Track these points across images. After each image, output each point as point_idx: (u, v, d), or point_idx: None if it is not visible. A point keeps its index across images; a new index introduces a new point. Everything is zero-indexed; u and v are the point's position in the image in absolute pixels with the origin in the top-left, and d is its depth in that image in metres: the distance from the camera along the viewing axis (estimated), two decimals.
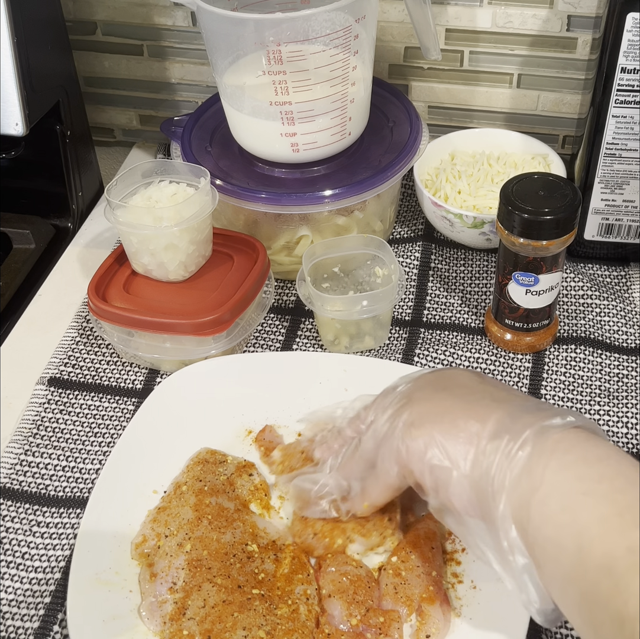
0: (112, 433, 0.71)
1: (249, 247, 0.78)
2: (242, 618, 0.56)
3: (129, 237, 0.73)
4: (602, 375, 0.74)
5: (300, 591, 0.58)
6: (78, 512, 0.65)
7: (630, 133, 0.74)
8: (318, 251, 0.76)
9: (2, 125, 0.81)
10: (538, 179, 0.69)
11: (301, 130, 0.75)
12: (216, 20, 0.72)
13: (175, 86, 0.99)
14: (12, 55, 0.78)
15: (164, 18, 0.94)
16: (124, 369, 0.76)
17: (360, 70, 0.75)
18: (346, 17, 0.70)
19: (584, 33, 0.86)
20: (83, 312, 0.81)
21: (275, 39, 0.70)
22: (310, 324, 0.80)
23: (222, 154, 0.82)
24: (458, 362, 0.75)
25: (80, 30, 0.96)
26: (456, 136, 0.90)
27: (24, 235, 0.89)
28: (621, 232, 0.81)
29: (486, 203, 0.82)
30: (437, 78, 0.93)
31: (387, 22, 0.89)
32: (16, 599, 0.61)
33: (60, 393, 0.74)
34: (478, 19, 0.87)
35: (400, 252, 0.86)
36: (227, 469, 0.66)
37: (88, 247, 0.90)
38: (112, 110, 1.03)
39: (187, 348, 0.73)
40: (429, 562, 0.59)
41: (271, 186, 0.78)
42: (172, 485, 0.65)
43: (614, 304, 0.79)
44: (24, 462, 0.69)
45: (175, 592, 0.58)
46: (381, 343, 0.77)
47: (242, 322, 0.74)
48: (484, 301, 0.81)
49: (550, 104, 0.92)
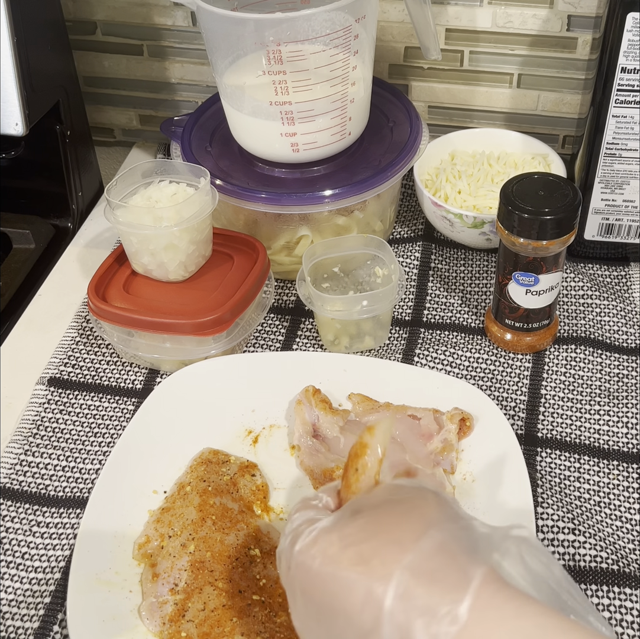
0: (112, 433, 0.71)
1: (249, 247, 0.78)
2: (241, 623, 0.56)
3: (129, 237, 0.73)
4: (602, 375, 0.73)
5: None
6: (78, 512, 0.65)
7: (630, 133, 0.74)
8: (318, 251, 0.76)
9: (2, 125, 0.81)
10: (538, 179, 0.69)
11: (301, 130, 0.75)
12: (216, 20, 0.72)
13: (175, 86, 0.99)
14: (12, 55, 0.78)
15: (164, 18, 0.94)
16: (124, 369, 0.76)
17: (360, 70, 0.75)
18: (346, 17, 0.70)
19: (584, 33, 0.86)
20: (83, 312, 0.81)
21: (275, 38, 0.70)
22: (310, 324, 0.80)
23: (222, 154, 0.82)
24: (458, 362, 0.75)
25: (80, 30, 0.96)
26: (456, 136, 0.90)
27: (24, 235, 0.89)
28: (621, 232, 0.81)
29: (486, 203, 0.82)
30: (437, 78, 0.93)
31: (387, 22, 0.89)
32: (16, 599, 0.61)
33: (60, 393, 0.74)
34: (478, 18, 0.87)
35: (400, 252, 0.86)
36: (230, 469, 0.66)
37: (88, 247, 0.90)
38: (112, 110, 1.03)
39: (187, 348, 0.73)
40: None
41: (271, 185, 0.78)
42: (175, 485, 0.65)
43: (614, 304, 0.79)
44: (24, 462, 0.69)
45: (177, 593, 0.58)
46: (381, 343, 0.77)
47: (242, 322, 0.74)
48: (484, 301, 0.81)
49: (550, 104, 0.92)
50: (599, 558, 0.60)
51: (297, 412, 0.68)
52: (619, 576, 0.59)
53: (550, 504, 0.64)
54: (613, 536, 0.62)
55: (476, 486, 0.64)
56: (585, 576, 0.60)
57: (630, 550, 0.61)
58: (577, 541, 0.61)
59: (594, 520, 0.63)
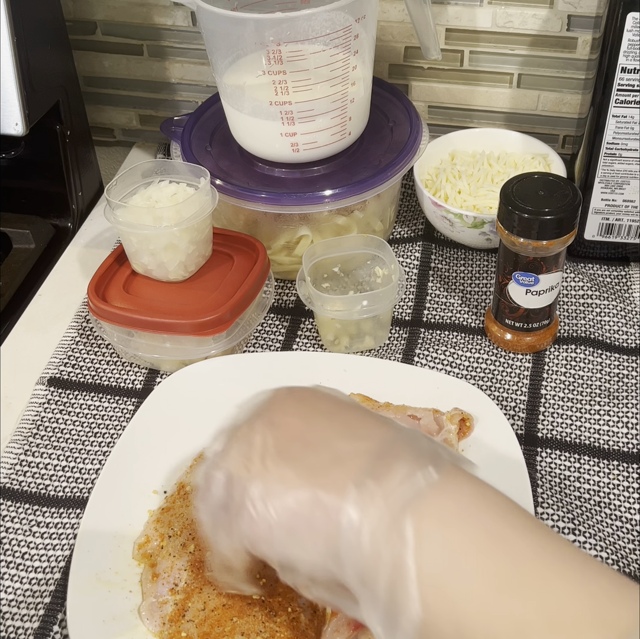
0: (112, 433, 0.71)
1: (249, 247, 0.78)
2: (241, 623, 0.56)
3: (129, 237, 0.73)
4: (602, 375, 0.73)
5: (305, 601, 0.57)
6: (78, 512, 0.65)
7: (630, 133, 0.74)
8: (318, 251, 0.76)
9: (2, 125, 0.81)
10: (538, 179, 0.69)
11: (301, 130, 0.75)
12: (216, 20, 0.72)
13: (175, 86, 0.99)
14: (12, 55, 0.78)
15: (164, 18, 0.94)
16: (124, 369, 0.76)
17: (360, 70, 0.75)
18: (346, 17, 0.70)
19: (584, 33, 0.86)
20: (83, 312, 0.81)
21: (275, 38, 0.70)
22: (310, 324, 0.80)
23: (222, 154, 0.82)
24: (458, 362, 0.75)
25: (80, 30, 0.96)
26: (456, 136, 0.90)
27: (24, 235, 0.89)
28: (621, 232, 0.81)
29: (486, 203, 0.82)
30: (437, 78, 0.93)
31: (387, 22, 0.89)
32: (16, 599, 0.61)
33: (60, 393, 0.74)
34: (478, 18, 0.87)
35: (400, 252, 0.86)
36: None
37: (88, 247, 0.90)
38: (112, 110, 1.03)
39: (187, 348, 0.73)
40: None
41: (271, 185, 0.78)
42: (175, 485, 0.65)
43: (614, 304, 0.79)
44: (24, 462, 0.69)
45: (177, 593, 0.58)
46: (381, 343, 0.77)
47: (242, 322, 0.74)
48: (484, 301, 0.81)
49: (550, 104, 0.92)
50: (599, 558, 0.60)
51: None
52: None
53: (550, 504, 0.64)
54: (613, 536, 0.62)
55: None
56: None
57: (630, 550, 0.61)
58: (577, 541, 0.61)
59: (594, 520, 0.63)
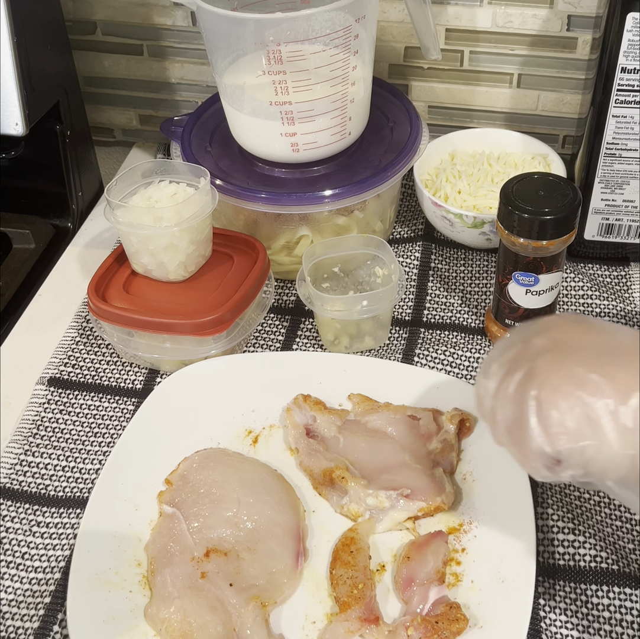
0: (112, 433, 0.71)
1: (249, 247, 0.78)
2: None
3: (129, 237, 0.73)
4: None
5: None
6: (78, 512, 0.65)
7: (630, 133, 0.74)
8: (318, 251, 0.76)
9: (2, 125, 0.81)
10: (538, 179, 0.69)
11: (301, 130, 0.75)
12: (216, 20, 0.72)
13: (175, 86, 0.99)
14: (12, 55, 0.78)
15: (164, 18, 0.94)
16: (124, 369, 0.76)
17: (360, 70, 0.75)
18: (346, 17, 0.70)
19: (584, 33, 0.86)
20: (83, 312, 0.81)
21: (275, 38, 0.70)
22: (310, 324, 0.80)
23: (222, 154, 0.82)
24: (458, 362, 0.75)
25: (80, 30, 0.96)
26: (456, 136, 0.90)
27: (24, 235, 0.89)
28: (621, 232, 0.81)
29: (486, 203, 0.82)
30: (437, 78, 0.93)
31: (387, 22, 0.89)
32: (16, 599, 0.61)
33: (60, 393, 0.74)
34: (478, 18, 0.87)
35: (400, 252, 0.86)
36: None
37: (88, 247, 0.90)
38: (112, 110, 1.03)
39: (187, 348, 0.73)
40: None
41: (271, 185, 0.78)
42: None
43: (614, 304, 0.79)
44: (24, 462, 0.69)
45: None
46: (381, 343, 0.77)
47: (242, 322, 0.74)
48: (484, 301, 0.81)
49: (550, 104, 0.92)
50: (599, 558, 0.60)
51: (288, 418, 0.68)
52: (619, 576, 0.59)
53: (550, 504, 0.64)
54: (613, 536, 0.62)
55: (476, 486, 0.64)
56: (585, 576, 0.60)
57: (630, 550, 0.61)
58: (577, 541, 0.61)
59: (594, 520, 0.63)
